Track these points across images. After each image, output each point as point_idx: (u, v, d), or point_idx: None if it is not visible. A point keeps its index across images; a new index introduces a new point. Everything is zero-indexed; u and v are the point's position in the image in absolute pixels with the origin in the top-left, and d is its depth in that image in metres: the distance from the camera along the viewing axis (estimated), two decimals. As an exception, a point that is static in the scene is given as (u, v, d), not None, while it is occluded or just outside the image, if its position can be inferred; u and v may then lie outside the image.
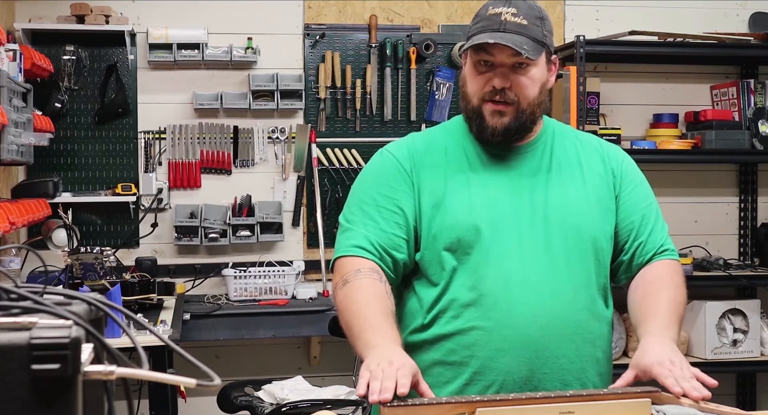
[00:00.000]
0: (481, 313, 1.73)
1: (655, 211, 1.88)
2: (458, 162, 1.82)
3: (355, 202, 1.85)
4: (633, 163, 1.92)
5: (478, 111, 1.78)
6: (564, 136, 1.89)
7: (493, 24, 1.73)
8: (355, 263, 1.76)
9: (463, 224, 1.75)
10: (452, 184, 1.79)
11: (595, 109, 4.27)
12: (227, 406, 3.40)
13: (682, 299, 1.78)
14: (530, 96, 1.76)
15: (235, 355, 4.25)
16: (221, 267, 4.17)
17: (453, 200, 1.78)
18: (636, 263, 1.83)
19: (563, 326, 1.73)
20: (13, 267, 3.51)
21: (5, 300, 0.88)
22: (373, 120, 4.33)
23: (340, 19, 4.35)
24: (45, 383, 0.78)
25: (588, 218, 1.79)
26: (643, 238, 1.83)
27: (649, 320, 1.70)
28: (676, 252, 1.88)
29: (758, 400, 4.64)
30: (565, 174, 1.82)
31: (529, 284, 1.73)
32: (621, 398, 1.51)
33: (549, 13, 1.84)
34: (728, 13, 4.61)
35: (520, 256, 1.75)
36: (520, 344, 1.72)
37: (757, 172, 4.61)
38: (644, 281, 1.81)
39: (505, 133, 1.77)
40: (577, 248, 1.77)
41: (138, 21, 4.17)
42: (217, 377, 0.88)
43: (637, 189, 1.87)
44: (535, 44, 1.73)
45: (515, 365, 1.72)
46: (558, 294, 1.74)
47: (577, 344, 1.75)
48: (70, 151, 4.15)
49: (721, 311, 4.20)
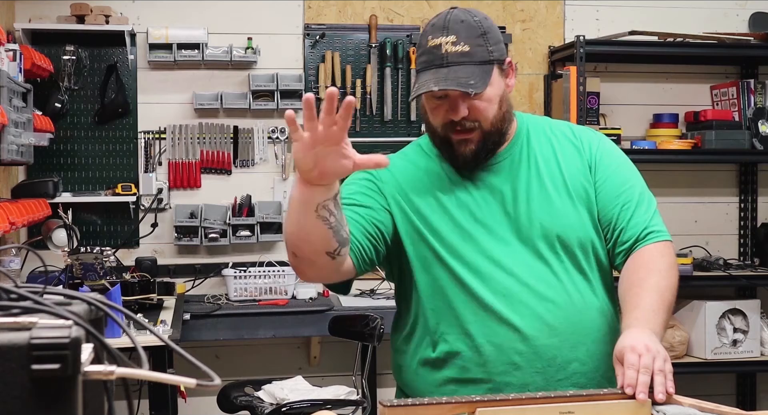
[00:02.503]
0: (488, 329, 1.72)
1: (637, 192, 1.80)
2: (438, 180, 1.80)
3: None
4: (608, 145, 1.86)
5: (446, 140, 1.76)
6: (538, 131, 1.86)
7: (435, 59, 1.69)
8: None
9: (452, 243, 1.74)
10: (433, 201, 1.78)
11: (595, 109, 4.27)
12: (227, 406, 3.40)
13: (668, 284, 1.71)
14: (490, 116, 1.73)
15: (235, 355, 4.25)
16: (221, 267, 4.17)
17: (435, 217, 1.76)
18: (619, 251, 1.78)
19: (570, 331, 1.72)
20: (13, 267, 3.51)
21: (5, 300, 0.88)
22: (373, 120, 4.33)
23: (340, 19, 4.35)
24: (45, 383, 0.78)
25: (573, 215, 1.77)
26: (623, 224, 1.77)
27: (630, 313, 1.65)
28: (663, 232, 1.78)
29: (758, 400, 4.64)
30: (544, 174, 1.80)
31: (528, 294, 1.72)
32: (621, 398, 1.51)
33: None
34: (728, 13, 4.61)
35: (511, 265, 1.73)
36: (532, 355, 1.71)
37: (757, 172, 4.61)
38: (629, 271, 1.75)
39: (475, 158, 1.76)
40: (566, 248, 1.75)
41: (138, 21, 4.17)
42: (217, 377, 0.88)
43: (614, 174, 1.81)
44: (483, 69, 1.69)
45: (530, 376, 1.71)
46: (558, 300, 1.73)
47: (587, 345, 1.74)
48: (70, 151, 4.16)
49: (721, 311, 4.20)
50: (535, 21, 4.46)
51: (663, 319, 1.66)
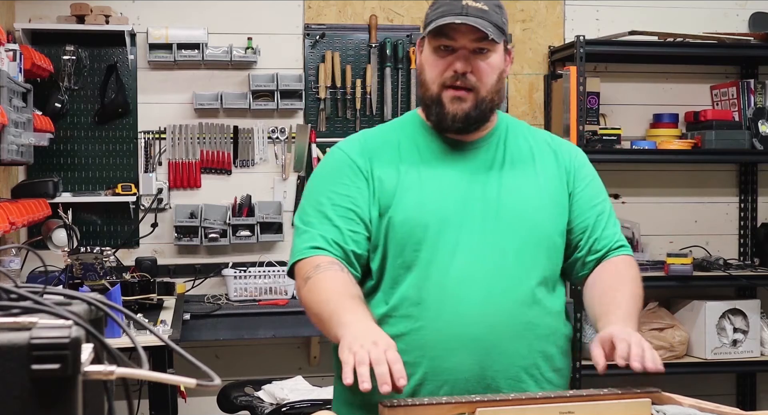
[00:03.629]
0: (431, 312, 1.71)
1: (608, 207, 1.87)
2: (411, 157, 1.80)
3: (309, 203, 1.82)
4: (585, 159, 1.90)
5: (438, 98, 1.76)
6: (517, 131, 1.87)
7: (454, 8, 1.71)
8: (313, 261, 1.73)
9: (413, 222, 1.74)
10: (404, 180, 1.77)
11: (595, 109, 4.27)
12: (227, 406, 3.40)
13: (640, 293, 1.77)
14: (489, 83, 1.75)
15: (235, 355, 4.25)
16: (221, 267, 4.17)
17: (403, 198, 1.76)
18: (590, 259, 1.82)
19: (514, 323, 1.72)
20: (13, 267, 3.51)
21: (5, 300, 0.88)
22: (373, 120, 4.33)
23: (340, 19, 4.35)
24: (45, 383, 0.78)
25: (541, 214, 1.78)
26: (597, 234, 1.82)
27: (611, 313, 1.68)
28: (629, 247, 1.87)
29: (758, 400, 4.64)
30: (519, 169, 1.81)
31: (478, 281, 1.72)
32: (621, 398, 1.51)
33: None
34: (728, 13, 4.61)
35: (470, 253, 1.73)
36: (470, 342, 1.70)
37: (757, 172, 4.61)
38: (601, 278, 1.79)
39: (465, 119, 1.76)
40: (529, 245, 1.76)
41: (138, 21, 4.17)
42: (217, 377, 0.88)
43: (590, 186, 1.85)
44: (497, 30, 1.72)
45: (466, 363, 1.70)
46: (508, 291, 1.73)
47: (528, 340, 1.74)
48: (70, 151, 4.16)
49: (721, 311, 4.20)
50: (535, 21, 4.46)
51: (637, 323, 1.70)
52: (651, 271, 4.23)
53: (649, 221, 4.49)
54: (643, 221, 4.45)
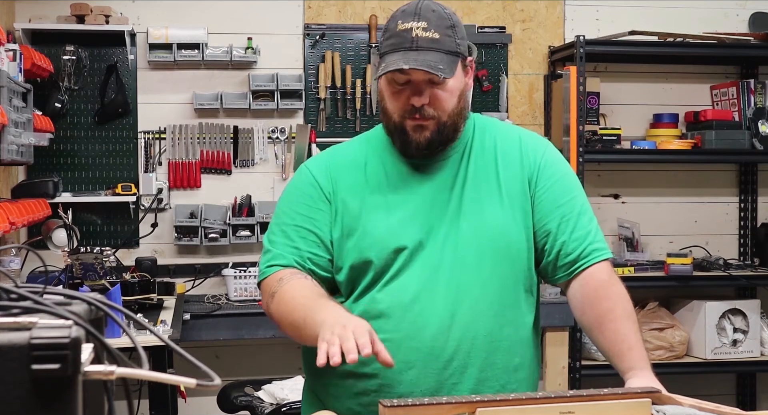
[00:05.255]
0: (391, 325, 1.72)
1: (578, 205, 1.79)
2: (377, 179, 1.81)
3: (275, 222, 1.88)
4: (555, 156, 1.85)
5: (401, 126, 1.75)
6: (484, 134, 1.85)
7: (404, 41, 1.69)
8: (275, 276, 1.77)
9: (379, 245, 1.75)
10: (369, 203, 1.78)
11: (595, 109, 4.27)
12: (227, 406, 3.40)
13: (632, 308, 1.74)
14: (449, 108, 1.74)
15: (235, 355, 4.25)
16: (221, 267, 4.17)
17: (368, 221, 1.76)
18: (562, 264, 1.77)
19: (472, 337, 1.72)
20: (13, 267, 3.51)
21: (5, 300, 0.88)
22: (373, 120, 4.33)
23: (340, 19, 4.35)
24: (45, 383, 0.78)
25: (502, 225, 1.76)
26: (564, 237, 1.76)
27: (625, 355, 1.67)
28: (605, 249, 1.78)
29: (758, 400, 4.64)
30: (481, 180, 1.79)
31: (437, 296, 1.72)
32: (621, 398, 1.51)
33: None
34: (728, 13, 4.61)
35: (431, 268, 1.73)
36: (427, 356, 1.71)
37: (757, 172, 4.61)
38: (590, 300, 1.75)
39: (428, 146, 1.76)
40: (490, 257, 1.75)
41: (138, 21, 4.17)
42: (217, 377, 0.88)
43: (555, 185, 1.80)
44: (450, 58, 1.70)
45: (422, 377, 1.71)
46: (467, 305, 1.72)
47: (488, 353, 1.73)
48: (70, 151, 4.16)
49: (721, 311, 4.21)
50: (535, 21, 4.46)
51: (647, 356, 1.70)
52: (651, 271, 4.23)
53: (649, 221, 4.49)
54: (643, 221, 4.45)
